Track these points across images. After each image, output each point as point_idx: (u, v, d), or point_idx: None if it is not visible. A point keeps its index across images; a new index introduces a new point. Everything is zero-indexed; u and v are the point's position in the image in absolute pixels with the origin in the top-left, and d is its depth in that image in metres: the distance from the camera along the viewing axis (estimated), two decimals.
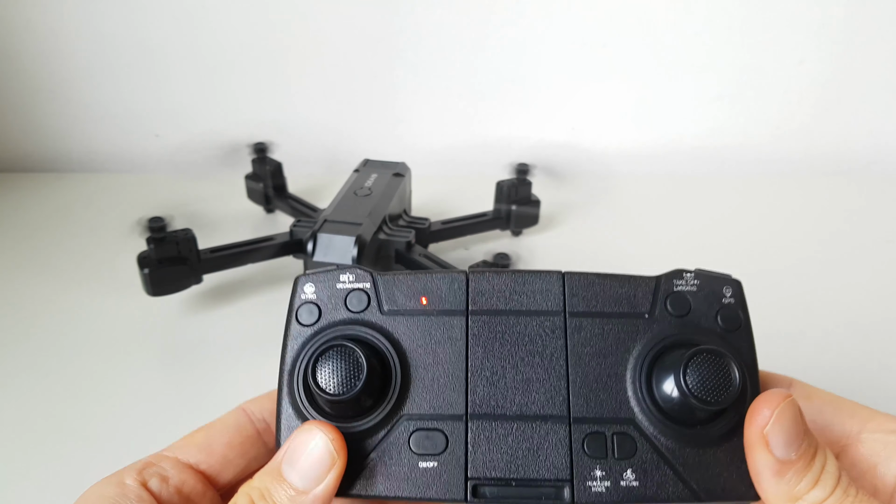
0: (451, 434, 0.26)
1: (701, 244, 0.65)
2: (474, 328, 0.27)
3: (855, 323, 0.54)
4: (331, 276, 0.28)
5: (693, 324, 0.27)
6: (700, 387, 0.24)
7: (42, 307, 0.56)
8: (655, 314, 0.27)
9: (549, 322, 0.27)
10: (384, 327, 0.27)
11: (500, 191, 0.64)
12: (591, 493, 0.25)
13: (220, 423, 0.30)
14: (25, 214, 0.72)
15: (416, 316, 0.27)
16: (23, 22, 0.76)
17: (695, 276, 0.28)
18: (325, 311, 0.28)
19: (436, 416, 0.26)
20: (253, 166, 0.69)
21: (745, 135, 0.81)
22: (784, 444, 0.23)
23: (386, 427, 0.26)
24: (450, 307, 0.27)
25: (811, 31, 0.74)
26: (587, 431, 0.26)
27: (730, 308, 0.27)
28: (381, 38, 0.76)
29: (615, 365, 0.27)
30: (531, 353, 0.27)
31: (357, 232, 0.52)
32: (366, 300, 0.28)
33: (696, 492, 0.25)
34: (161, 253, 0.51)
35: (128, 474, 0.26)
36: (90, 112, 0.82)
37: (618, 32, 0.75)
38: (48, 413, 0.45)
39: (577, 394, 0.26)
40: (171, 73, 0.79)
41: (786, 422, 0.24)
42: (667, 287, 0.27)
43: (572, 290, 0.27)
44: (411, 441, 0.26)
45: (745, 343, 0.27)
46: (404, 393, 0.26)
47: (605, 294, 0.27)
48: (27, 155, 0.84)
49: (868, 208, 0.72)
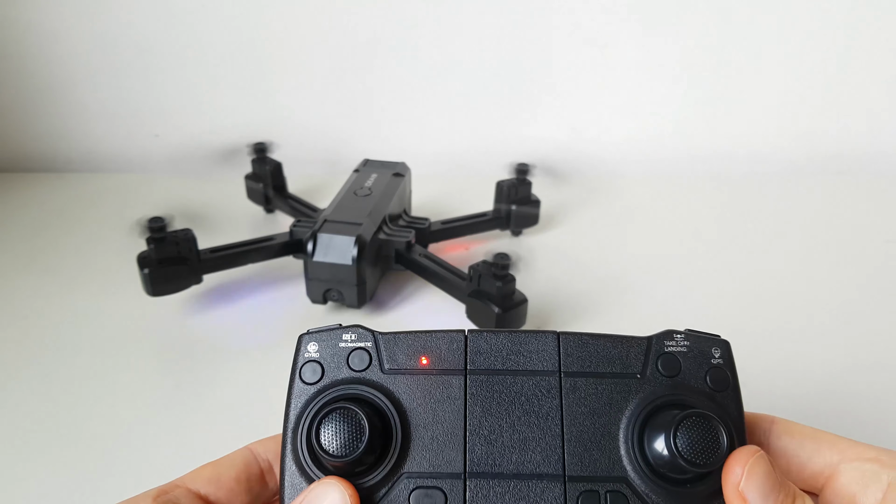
0: (449, 492, 0.27)
1: (701, 244, 0.65)
2: (472, 388, 0.28)
3: (855, 323, 0.54)
4: (334, 336, 0.29)
5: (683, 384, 0.28)
6: (689, 449, 0.25)
7: (42, 307, 0.56)
8: (647, 374, 0.28)
9: (544, 382, 0.28)
10: (385, 386, 0.28)
11: (500, 191, 0.64)
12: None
13: (227, 460, 0.30)
14: (25, 214, 0.72)
15: (416, 375, 0.28)
16: (23, 22, 0.76)
17: (685, 338, 0.29)
18: (327, 370, 0.29)
19: (435, 474, 0.27)
20: (253, 166, 0.69)
21: (745, 135, 0.81)
22: (761, 498, 0.25)
23: (387, 485, 0.27)
24: (449, 367, 0.28)
25: (811, 31, 0.74)
26: (581, 490, 0.26)
27: (719, 369, 0.28)
28: (382, 37, 0.76)
29: (609, 424, 0.27)
30: (528, 413, 0.28)
31: (357, 232, 0.52)
32: (367, 359, 0.28)
33: None
34: (161, 253, 0.51)
35: (143, 500, 0.27)
36: (90, 112, 0.82)
37: (618, 32, 0.75)
38: (48, 412, 0.45)
39: (571, 452, 0.27)
40: (171, 74, 0.79)
41: (758, 477, 0.25)
42: (658, 348, 0.28)
43: (567, 350, 0.28)
44: (411, 499, 0.26)
45: (732, 403, 0.28)
46: (405, 451, 0.27)
47: (598, 354, 0.28)
48: (27, 155, 0.84)
49: (868, 208, 0.72)
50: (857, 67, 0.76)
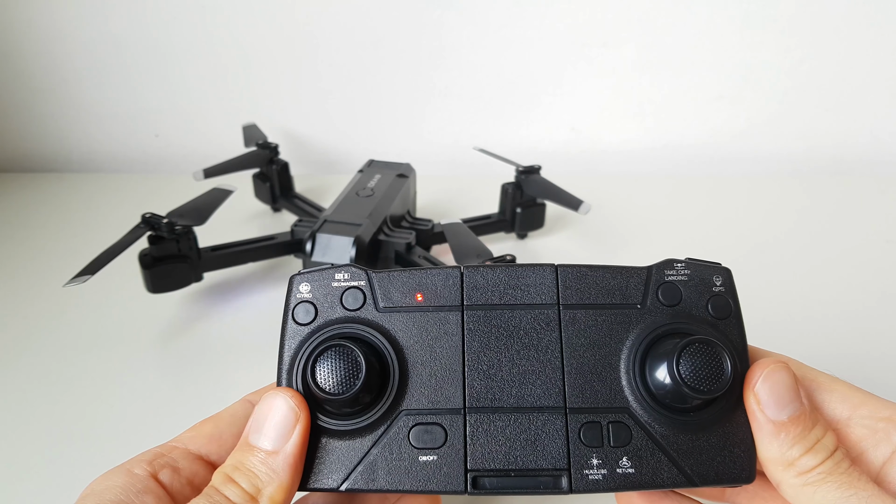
0: (449, 428, 0.26)
1: (702, 245, 0.65)
2: (470, 323, 0.27)
3: (855, 323, 0.54)
4: (326, 275, 0.28)
5: (684, 313, 0.27)
6: (693, 376, 0.24)
7: (42, 306, 0.56)
8: (647, 304, 0.28)
9: (543, 315, 0.27)
10: (381, 324, 0.28)
11: (506, 193, 0.64)
12: (588, 480, 0.25)
13: (227, 414, 0.29)
14: (25, 214, 0.72)
15: (412, 312, 0.28)
16: (23, 22, 0.76)
17: (685, 266, 0.28)
18: (321, 310, 0.28)
19: (434, 410, 0.27)
20: (260, 165, 0.69)
21: (745, 135, 0.81)
22: (774, 405, 0.24)
23: (386, 423, 0.26)
24: (445, 303, 0.28)
25: (811, 31, 0.74)
26: (583, 421, 0.26)
27: (720, 296, 0.28)
28: (388, 40, 0.76)
29: (609, 355, 0.27)
30: (527, 346, 0.27)
31: (356, 233, 0.52)
32: (361, 298, 0.28)
33: (690, 477, 0.25)
34: (162, 251, 0.51)
35: (137, 464, 0.26)
36: (90, 112, 0.82)
37: (618, 33, 0.75)
38: (49, 410, 0.45)
39: (572, 384, 0.27)
40: (171, 74, 0.79)
41: (775, 383, 0.24)
42: (658, 277, 0.28)
43: (566, 282, 0.28)
44: (411, 436, 0.26)
45: (735, 330, 0.27)
46: (402, 389, 0.27)
47: (597, 286, 0.28)
48: (27, 155, 0.84)
49: (868, 208, 0.72)
50: (857, 67, 0.76)
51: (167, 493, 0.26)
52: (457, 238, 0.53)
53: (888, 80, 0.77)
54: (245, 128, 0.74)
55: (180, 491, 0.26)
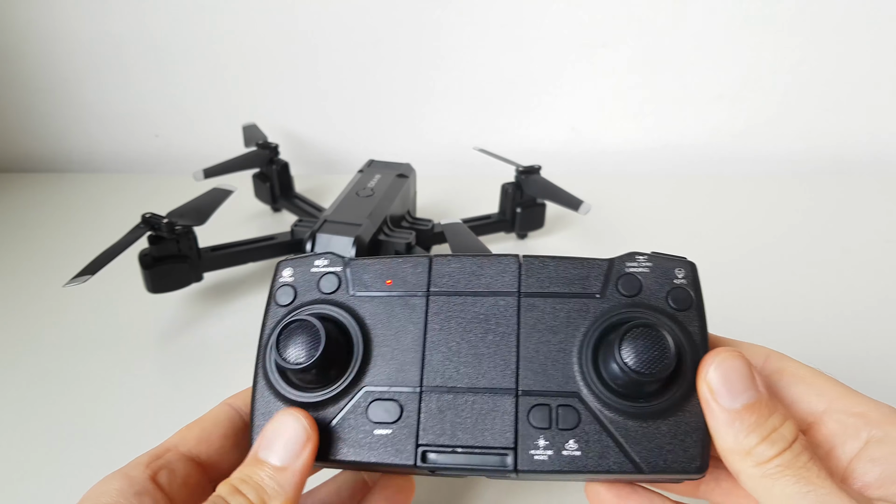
0: (405, 404, 0.27)
1: (702, 245, 0.65)
2: (434, 307, 0.29)
3: (855, 323, 0.54)
4: (307, 261, 0.30)
5: (643, 303, 0.28)
6: (635, 359, 0.25)
7: (42, 306, 0.56)
8: (606, 294, 0.28)
9: (504, 301, 0.28)
10: (350, 306, 0.29)
11: (506, 193, 0.64)
12: (534, 460, 0.26)
13: (211, 417, 0.30)
14: (25, 214, 0.72)
15: (381, 297, 0.29)
16: (23, 22, 0.76)
17: (647, 259, 0.29)
18: (300, 293, 0.30)
19: (393, 387, 0.28)
20: (260, 165, 0.69)
21: (745, 135, 0.81)
22: (727, 393, 0.24)
23: (347, 397, 0.28)
24: (412, 289, 0.29)
25: (811, 31, 0.74)
26: (533, 403, 0.27)
27: (681, 289, 0.28)
28: (387, 40, 0.76)
29: (564, 342, 0.28)
30: (486, 331, 0.28)
31: (356, 233, 0.52)
32: (336, 282, 0.30)
33: (637, 463, 0.26)
34: (162, 251, 0.51)
35: (135, 467, 0.26)
36: (90, 112, 0.82)
37: (617, 32, 0.75)
38: (48, 410, 0.45)
39: (526, 369, 0.27)
40: (172, 73, 0.79)
41: (727, 370, 0.24)
42: (619, 269, 0.28)
43: (528, 272, 0.29)
44: (369, 410, 0.27)
45: (695, 322, 0.27)
46: (365, 366, 0.28)
47: (559, 276, 0.29)
48: (27, 155, 0.84)
49: (868, 208, 0.72)
50: (857, 67, 0.76)
51: (165, 495, 0.26)
52: (457, 238, 0.53)
53: (888, 80, 0.77)
54: (245, 128, 0.74)
55: (177, 492, 0.27)
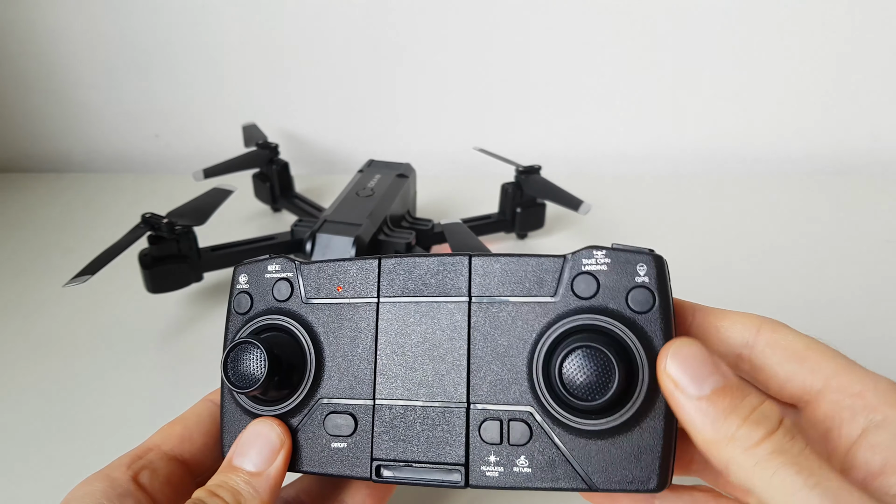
0: (360, 417, 0.27)
1: (702, 245, 0.65)
2: (385, 313, 0.28)
3: (855, 323, 0.54)
4: (260, 267, 0.30)
5: (599, 308, 0.25)
6: (574, 386, 0.23)
7: (42, 306, 0.56)
8: (559, 297, 0.26)
9: (453, 306, 0.27)
10: (302, 315, 0.29)
11: (506, 193, 0.64)
12: (485, 476, 0.26)
13: (192, 415, 0.30)
14: (25, 214, 0.72)
15: (331, 304, 0.29)
16: (24, 22, 0.76)
17: (606, 255, 0.26)
18: (256, 300, 0.30)
19: (347, 399, 0.28)
20: (260, 165, 0.69)
21: (745, 135, 0.81)
22: (690, 381, 0.22)
23: (306, 409, 0.28)
24: (362, 295, 0.28)
25: (811, 31, 0.74)
26: (484, 417, 0.26)
27: (642, 288, 0.25)
28: (388, 40, 0.76)
29: (516, 353, 0.26)
30: (438, 341, 0.27)
31: (356, 233, 0.52)
32: (289, 289, 0.29)
33: (590, 481, 0.25)
34: (162, 251, 0.51)
35: (116, 468, 0.26)
36: (90, 112, 0.82)
37: (618, 33, 0.75)
38: (48, 410, 0.45)
39: (478, 378, 0.27)
40: (172, 73, 0.79)
41: (684, 358, 0.22)
42: (574, 267, 0.26)
43: (478, 273, 0.27)
44: (326, 423, 0.28)
45: (657, 325, 0.25)
46: (319, 378, 0.28)
47: (510, 277, 0.27)
48: (27, 155, 0.85)
49: (868, 208, 0.72)
50: (857, 67, 0.76)
51: (147, 496, 0.26)
52: (457, 238, 0.53)
53: (888, 80, 0.77)
54: (245, 128, 0.74)
55: (160, 490, 0.27)
